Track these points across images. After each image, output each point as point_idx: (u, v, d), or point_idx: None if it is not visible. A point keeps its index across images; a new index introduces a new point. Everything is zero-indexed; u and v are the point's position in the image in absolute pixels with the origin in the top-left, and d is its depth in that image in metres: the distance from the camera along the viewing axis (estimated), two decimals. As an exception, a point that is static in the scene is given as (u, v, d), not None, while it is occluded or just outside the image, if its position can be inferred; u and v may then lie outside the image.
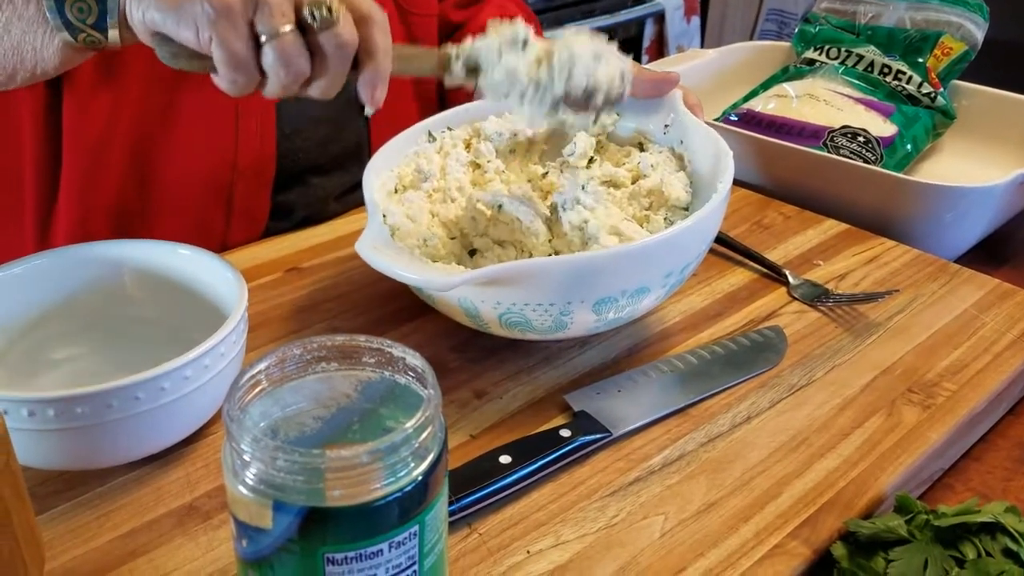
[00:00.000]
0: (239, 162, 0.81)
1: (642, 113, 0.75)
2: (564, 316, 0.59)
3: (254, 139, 0.81)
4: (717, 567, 0.50)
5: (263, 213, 0.84)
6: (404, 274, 0.57)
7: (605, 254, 0.59)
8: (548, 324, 0.60)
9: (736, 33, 2.65)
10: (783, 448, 0.58)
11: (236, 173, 0.81)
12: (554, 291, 0.57)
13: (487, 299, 0.58)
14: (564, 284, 0.57)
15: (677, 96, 0.74)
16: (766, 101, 1.01)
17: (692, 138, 0.72)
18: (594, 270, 0.57)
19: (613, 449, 0.58)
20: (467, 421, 0.61)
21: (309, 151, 0.87)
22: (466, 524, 0.52)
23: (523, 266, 0.57)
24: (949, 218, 0.83)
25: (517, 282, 0.57)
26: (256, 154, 0.82)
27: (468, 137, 0.75)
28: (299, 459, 0.35)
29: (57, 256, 0.62)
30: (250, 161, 0.81)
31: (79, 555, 0.50)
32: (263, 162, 0.82)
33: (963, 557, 0.48)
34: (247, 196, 0.83)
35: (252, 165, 0.82)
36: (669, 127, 0.74)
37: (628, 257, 0.58)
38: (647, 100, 0.75)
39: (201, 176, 0.80)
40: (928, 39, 1.02)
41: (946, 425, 0.60)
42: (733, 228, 0.85)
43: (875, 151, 0.93)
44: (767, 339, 0.68)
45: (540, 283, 0.57)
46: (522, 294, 0.57)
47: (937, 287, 0.76)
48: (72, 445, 0.51)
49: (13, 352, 0.60)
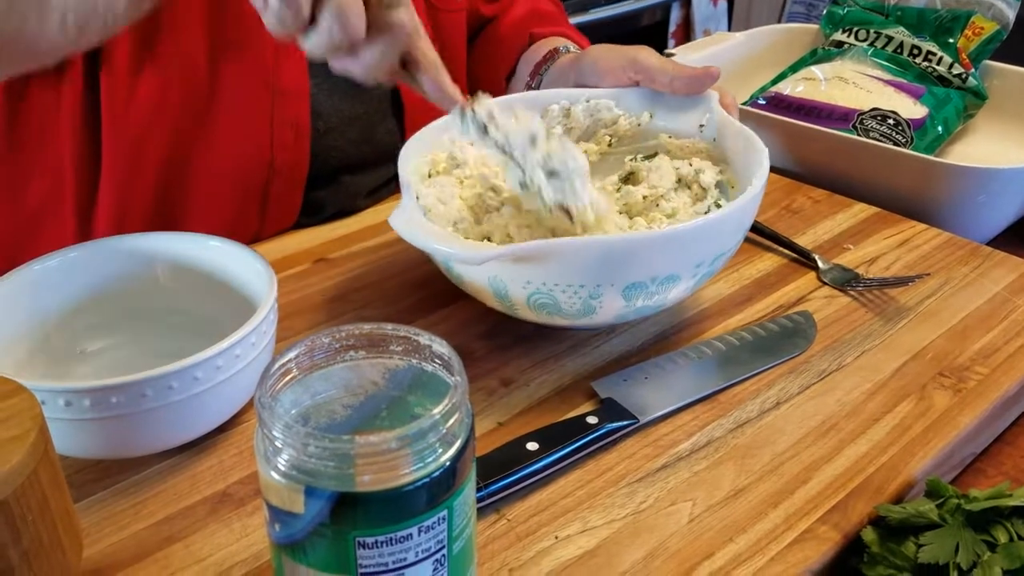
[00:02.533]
0: (275, 160, 0.81)
1: (677, 111, 0.75)
2: (593, 300, 0.59)
3: (290, 138, 0.82)
4: (746, 552, 0.50)
5: (294, 210, 0.85)
6: (438, 246, 0.58)
7: (637, 236, 0.59)
8: (577, 307, 0.60)
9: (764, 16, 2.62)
10: (813, 433, 0.58)
11: (272, 171, 0.82)
12: (584, 271, 0.57)
13: (517, 277, 0.59)
14: (595, 265, 0.57)
15: (714, 96, 0.74)
16: (794, 84, 1.01)
17: (726, 137, 0.72)
18: (626, 252, 0.57)
19: (640, 436, 0.58)
20: (495, 408, 0.61)
21: (343, 150, 0.88)
22: (495, 510, 0.53)
23: (555, 244, 0.57)
24: (981, 200, 0.82)
25: (548, 260, 0.57)
26: (291, 153, 0.82)
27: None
28: (329, 445, 0.36)
29: (91, 248, 0.63)
30: (285, 160, 0.82)
31: (116, 542, 0.51)
32: (298, 161, 0.83)
33: (995, 541, 0.48)
34: (281, 194, 0.83)
35: (287, 163, 0.82)
36: (704, 127, 0.74)
37: (660, 241, 0.58)
38: (683, 98, 0.75)
39: (238, 174, 0.81)
40: (959, 19, 1.00)
41: (977, 409, 0.60)
42: (762, 213, 0.84)
43: (905, 133, 0.92)
44: (796, 324, 0.68)
45: (571, 262, 0.57)
46: (552, 273, 0.58)
47: (968, 270, 0.75)
48: (108, 434, 0.52)
49: (50, 343, 0.61)
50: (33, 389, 0.45)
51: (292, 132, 0.82)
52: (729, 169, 0.72)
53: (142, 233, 0.64)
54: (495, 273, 0.59)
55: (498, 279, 0.59)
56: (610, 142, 0.78)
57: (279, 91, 0.80)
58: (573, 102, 0.77)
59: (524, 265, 0.58)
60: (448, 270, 0.63)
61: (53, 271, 0.61)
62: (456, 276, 0.63)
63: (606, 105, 0.77)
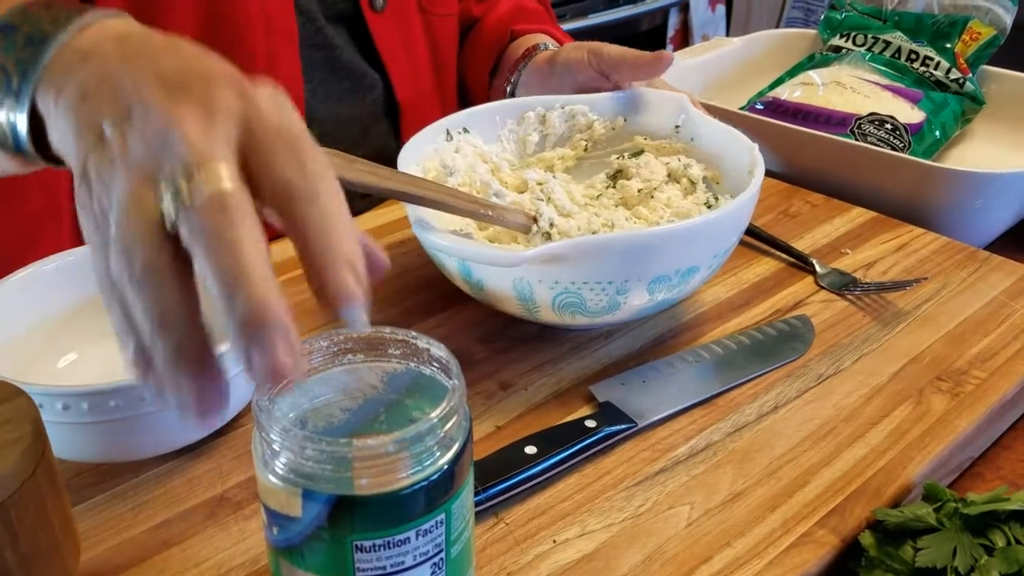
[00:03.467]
0: None
1: (650, 113, 0.78)
2: (620, 296, 0.60)
3: None
4: (744, 556, 0.50)
5: None
6: (478, 250, 0.59)
7: (669, 229, 0.60)
8: (602, 304, 0.60)
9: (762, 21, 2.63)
10: (810, 437, 0.58)
11: None
12: (616, 267, 0.58)
13: (545, 278, 0.59)
14: (628, 259, 0.58)
15: (684, 98, 0.76)
16: (792, 89, 1.01)
17: (707, 135, 0.74)
18: (658, 245, 0.59)
19: (639, 439, 0.58)
20: (493, 412, 0.61)
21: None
22: (493, 514, 0.53)
23: (589, 242, 0.58)
24: (979, 205, 0.82)
25: (583, 258, 0.58)
26: None
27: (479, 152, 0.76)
28: (327, 448, 0.36)
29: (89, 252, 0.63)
30: None
31: (114, 545, 0.51)
32: None
33: (992, 545, 0.48)
34: None
35: None
36: (680, 128, 0.76)
37: (689, 232, 0.60)
38: (656, 101, 0.78)
39: None
40: (956, 24, 1.01)
41: (975, 413, 0.60)
42: (760, 217, 0.84)
43: (903, 138, 0.92)
44: (794, 328, 0.68)
45: (607, 258, 0.58)
46: (583, 271, 0.58)
47: (966, 274, 0.75)
48: (106, 438, 0.52)
49: (48, 347, 0.61)
50: (31, 392, 0.45)
51: None
52: (712, 166, 0.73)
53: (140, 237, 0.64)
54: (522, 275, 0.59)
55: (524, 281, 0.60)
56: (586, 146, 0.80)
57: None
58: (548, 108, 0.78)
59: (554, 266, 0.58)
60: (467, 276, 0.62)
61: (51, 274, 0.61)
62: (475, 282, 0.62)
63: (581, 110, 0.78)
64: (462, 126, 0.76)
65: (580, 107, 0.78)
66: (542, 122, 0.79)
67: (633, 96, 0.79)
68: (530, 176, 0.69)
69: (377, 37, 0.88)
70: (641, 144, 0.78)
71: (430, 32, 0.93)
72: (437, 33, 0.94)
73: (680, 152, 0.76)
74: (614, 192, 0.73)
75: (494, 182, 0.68)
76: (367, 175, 0.55)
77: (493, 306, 0.65)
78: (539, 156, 0.79)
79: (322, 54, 0.85)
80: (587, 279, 0.59)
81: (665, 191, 0.71)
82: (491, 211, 0.61)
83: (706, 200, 0.70)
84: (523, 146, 0.78)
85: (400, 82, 0.91)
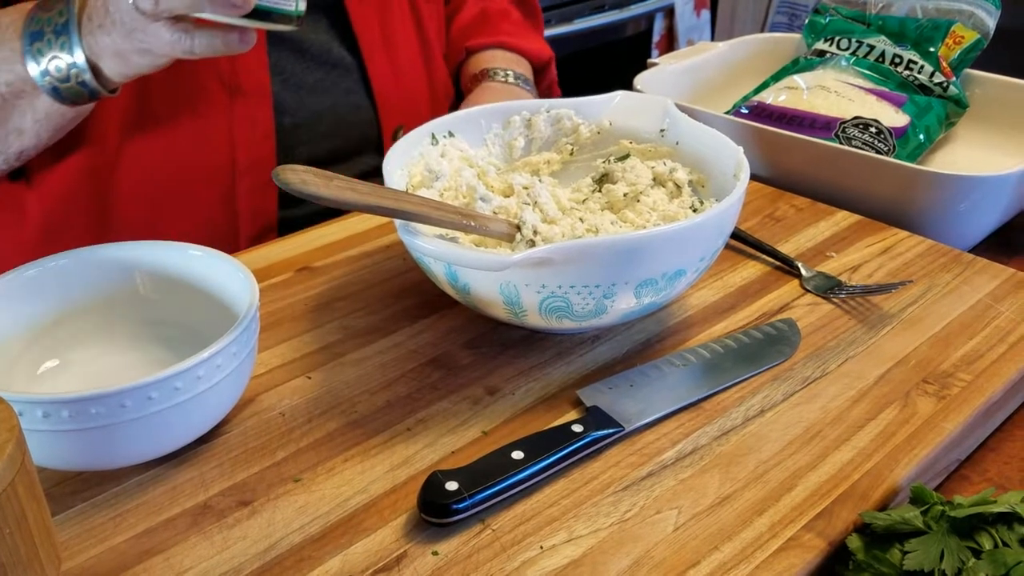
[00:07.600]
0: (238, 161, 0.81)
1: (635, 117, 0.78)
2: (606, 299, 0.60)
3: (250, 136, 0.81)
4: (731, 560, 0.50)
5: (271, 209, 0.85)
6: (464, 254, 0.58)
7: (655, 232, 0.60)
8: (589, 308, 0.60)
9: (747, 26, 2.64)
10: (797, 441, 0.58)
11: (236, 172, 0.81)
12: (603, 270, 0.58)
13: (532, 282, 0.59)
14: (614, 263, 0.58)
15: (668, 102, 0.77)
16: (777, 93, 1.01)
17: (692, 139, 0.75)
18: (645, 248, 0.58)
19: (626, 444, 0.58)
20: (480, 417, 0.61)
21: (313, 145, 0.87)
22: (479, 520, 0.52)
23: (576, 245, 0.58)
24: (963, 208, 0.82)
25: (569, 262, 0.57)
26: (256, 151, 0.82)
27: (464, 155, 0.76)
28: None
29: (70, 258, 0.62)
30: (250, 158, 0.82)
31: (95, 555, 0.50)
32: (264, 158, 0.82)
33: (979, 548, 0.48)
34: (252, 193, 0.83)
35: (253, 163, 0.82)
36: (665, 131, 0.77)
37: (675, 235, 0.60)
38: (640, 105, 0.78)
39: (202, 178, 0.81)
40: (939, 28, 1.01)
41: (961, 416, 0.60)
42: (745, 221, 0.84)
43: (887, 142, 0.92)
44: (780, 332, 0.68)
45: (592, 261, 0.58)
46: (570, 275, 0.58)
47: (951, 277, 0.75)
48: (87, 446, 0.51)
49: (28, 354, 0.61)
50: (10, 400, 0.44)
51: (254, 132, 0.82)
52: (697, 170, 0.73)
53: (122, 243, 0.64)
54: (508, 279, 0.59)
55: (510, 285, 0.59)
56: (572, 150, 0.80)
57: (238, 92, 0.80)
58: (534, 112, 0.79)
59: (541, 269, 0.58)
60: (453, 280, 0.62)
61: (32, 281, 0.61)
62: (461, 286, 0.62)
63: (566, 114, 0.79)
64: (447, 130, 0.75)
65: (566, 111, 0.79)
66: (528, 126, 0.79)
67: (619, 100, 0.79)
68: (516, 180, 0.69)
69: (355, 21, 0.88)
70: (627, 148, 0.78)
71: (419, 23, 0.93)
72: (425, 19, 0.94)
73: (666, 156, 0.76)
74: (600, 196, 0.73)
75: (480, 186, 0.68)
76: (346, 191, 0.54)
77: (479, 311, 0.64)
78: (525, 160, 0.78)
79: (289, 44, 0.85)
80: (574, 282, 0.59)
81: (651, 195, 0.71)
82: (474, 221, 0.61)
83: (692, 204, 0.71)
84: (509, 150, 0.78)
85: (377, 69, 0.90)
